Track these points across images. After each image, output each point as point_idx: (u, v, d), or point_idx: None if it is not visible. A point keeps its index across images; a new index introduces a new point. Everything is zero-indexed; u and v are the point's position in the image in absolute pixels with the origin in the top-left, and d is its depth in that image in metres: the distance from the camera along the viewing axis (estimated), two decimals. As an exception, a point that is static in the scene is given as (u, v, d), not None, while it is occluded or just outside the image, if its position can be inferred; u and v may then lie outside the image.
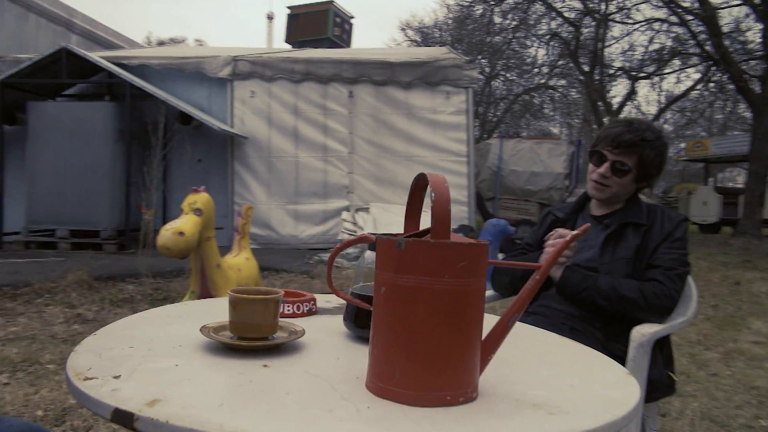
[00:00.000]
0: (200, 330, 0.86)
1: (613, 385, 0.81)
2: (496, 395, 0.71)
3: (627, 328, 1.52)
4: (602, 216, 1.75)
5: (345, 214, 7.26)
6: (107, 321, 3.79)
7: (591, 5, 13.11)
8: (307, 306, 1.14)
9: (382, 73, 7.66)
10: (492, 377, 0.78)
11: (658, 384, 1.53)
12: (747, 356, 3.38)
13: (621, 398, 0.74)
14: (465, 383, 0.68)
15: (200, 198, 3.28)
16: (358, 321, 0.96)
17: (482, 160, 12.53)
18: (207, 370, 0.75)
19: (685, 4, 11.81)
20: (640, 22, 13.55)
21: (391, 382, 0.67)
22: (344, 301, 1.30)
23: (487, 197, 12.24)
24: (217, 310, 1.09)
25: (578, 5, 13.21)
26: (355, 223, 6.94)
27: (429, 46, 19.25)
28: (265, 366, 0.77)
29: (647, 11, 13.01)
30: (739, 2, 11.52)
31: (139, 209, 6.11)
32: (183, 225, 3.13)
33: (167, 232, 3.09)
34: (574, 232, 0.77)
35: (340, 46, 21.86)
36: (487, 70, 19.56)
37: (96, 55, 7.28)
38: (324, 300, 1.33)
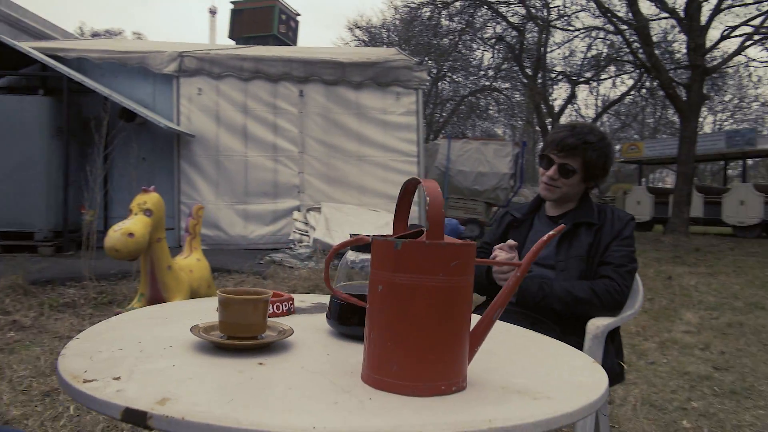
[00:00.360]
0: (191, 330, 0.87)
1: (583, 372, 0.88)
2: (483, 384, 0.77)
3: (582, 321, 1.63)
4: (557, 216, 1.86)
5: (296, 214, 7.21)
6: (47, 327, 3.62)
7: (534, 11, 13.59)
8: (286, 305, 1.16)
9: (332, 73, 7.66)
10: (476, 368, 0.84)
11: (610, 372, 1.63)
12: (680, 345, 3.63)
13: (592, 383, 0.81)
14: (457, 373, 0.73)
15: (150, 198, 3.21)
16: (342, 318, 0.99)
17: (430, 160, 12.74)
18: (205, 370, 0.76)
19: (620, 14, 12.45)
20: (580, 29, 14.18)
21: (389, 374, 0.71)
22: (320, 301, 1.32)
23: (435, 197, 12.44)
24: (196, 312, 1.09)
25: (522, 11, 13.66)
26: (306, 223, 6.91)
27: (376, 46, 19.36)
28: (260, 364, 0.79)
29: (586, 20, 13.61)
30: (666, 15, 12.25)
31: (79, 209, 5.83)
32: (132, 226, 3.05)
33: (116, 233, 3.00)
34: (551, 232, 0.84)
35: (286, 44, 21.62)
36: (434, 71, 19.88)
37: (27, 46, 6.89)
38: (299, 300, 1.36)
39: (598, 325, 1.55)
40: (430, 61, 19.31)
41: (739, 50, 12.26)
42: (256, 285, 5.07)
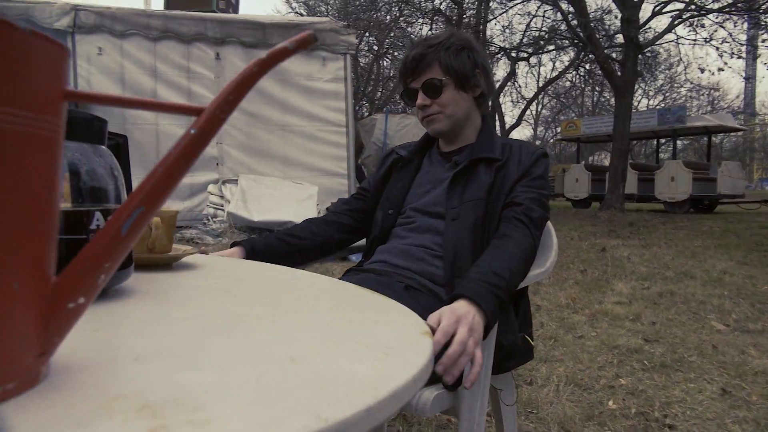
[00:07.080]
0: None
1: (382, 348, 0.44)
2: (112, 361, 0.31)
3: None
4: (451, 152, 1.44)
5: (211, 187, 6.60)
6: None
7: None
8: None
9: (252, 35, 7.02)
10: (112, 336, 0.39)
11: (512, 349, 1.24)
12: (610, 316, 3.36)
13: (375, 375, 0.37)
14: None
15: None
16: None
17: (367, 136, 12.28)
18: None
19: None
20: (518, 2, 13.97)
21: None
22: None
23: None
24: None
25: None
26: (222, 196, 6.32)
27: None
28: None
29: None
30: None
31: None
32: None
33: None
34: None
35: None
36: (375, 47, 19.31)
37: None
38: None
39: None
40: (371, 37, 18.71)
41: (670, 28, 12.37)
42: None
